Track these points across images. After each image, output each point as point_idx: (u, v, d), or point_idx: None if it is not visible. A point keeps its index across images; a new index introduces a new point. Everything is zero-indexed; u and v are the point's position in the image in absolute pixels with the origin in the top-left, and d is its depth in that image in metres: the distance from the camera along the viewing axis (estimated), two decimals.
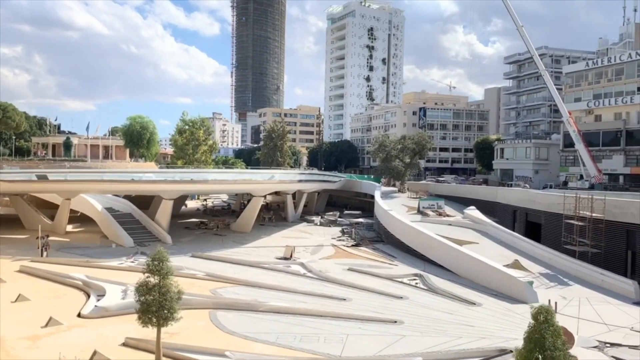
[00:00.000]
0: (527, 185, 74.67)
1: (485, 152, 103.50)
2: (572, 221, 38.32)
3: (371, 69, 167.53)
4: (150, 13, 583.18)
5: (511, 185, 73.81)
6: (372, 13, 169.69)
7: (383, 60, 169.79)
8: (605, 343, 23.54)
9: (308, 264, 40.13)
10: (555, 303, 28.71)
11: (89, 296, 29.09)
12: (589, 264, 36.04)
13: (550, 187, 70.30)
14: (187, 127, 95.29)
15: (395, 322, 26.03)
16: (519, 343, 23.29)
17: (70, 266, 36.91)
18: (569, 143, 79.07)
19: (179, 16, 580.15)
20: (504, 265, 35.73)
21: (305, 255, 45.10)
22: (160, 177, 47.33)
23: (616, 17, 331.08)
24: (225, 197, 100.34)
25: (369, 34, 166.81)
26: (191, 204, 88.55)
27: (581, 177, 69.47)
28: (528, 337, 14.85)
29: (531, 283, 31.36)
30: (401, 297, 30.97)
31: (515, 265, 37.81)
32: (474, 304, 29.88)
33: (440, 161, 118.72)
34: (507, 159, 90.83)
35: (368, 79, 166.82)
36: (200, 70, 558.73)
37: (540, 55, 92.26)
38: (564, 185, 69.04)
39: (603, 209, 37.20)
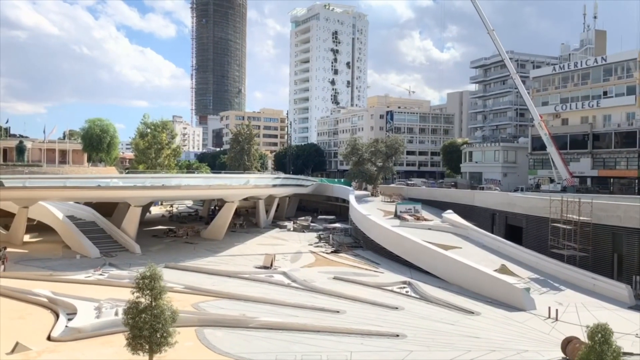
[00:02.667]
0: (497, 188, 75.03)
1: (452, 156, 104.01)
2: (559, 225, 37.80)
3: (336, 72, 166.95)
4: (103, 13, 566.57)
5: (482, 189, 73.87)
6: (336, 17, 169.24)
7: (347, 63, 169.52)
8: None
9: (291, 273, 38.17)
10: (557, 310, 27.92)
11: (57, 315, 26.25)
12: (578, 267, 35.62)
13: (522, 190, 70.76)
14: (148, 130, 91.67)
15: (398, 335, 24.47)
16: (531, 356, 22.35)
17: (32, 281, 33.77)
18: (537, 146, 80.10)
19: (133, 17, 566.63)
20: (493, 271, 34.84)
21: (284, 263, 43.12)
22: (129, 183, 44.31)
23: (564, 24, 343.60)
24: (189, 202, 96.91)
25: (333, 38, 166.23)
26: (155, 210, 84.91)
27: (551, 180, 70.19)
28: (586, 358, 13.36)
29: (528, 290, 30.45)
30: (396, 308, 29.48)
31: (503, 270, 36.98)
32: (472, 312, 28.68)
33: (408, 164, 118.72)
34: (476, 162, 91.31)
35: (333, 82, 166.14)
36: (156, 72, 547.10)
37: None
38: (537, 188, 69.56)
39: (590, 212, 36.85)
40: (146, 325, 16.08)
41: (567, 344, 21.56)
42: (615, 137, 69.12)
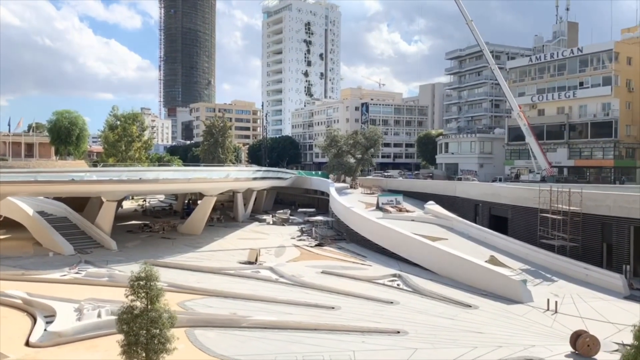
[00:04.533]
0: (474, 179, 75.05)
1: (427, 147, 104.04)
2: (550, 215, 37.49)
3: (309, 64, 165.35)
4: (65, 4, 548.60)
5: (460, 179, 73.78)
6: (309, 7, 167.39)
7: (320, 55, 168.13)
8: (625, 345, 22.15)
9: (277, 268, 36.89)
10: (556, 302, 27.43)
11: (34, 318, 24.34)
12: (569, 258, 35.41)
13: (500, 180, 70.91)
14: (118, 122, 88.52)
15: (399, 332, 23.51)
16: (539, 351, 21.68)
17: (4, 281, 31.54)
18: (513, 136, 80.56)
19: (97, 8, 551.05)
20: (485, 263, 34.30)
21: (269, 258, 41.78)
22: (105, 177, 42.06)
23: (528, 17, 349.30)
24: (161, 196, 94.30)
25: (306, 29, 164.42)
26: (126, 205, 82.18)
27: (530, 170, 70.53)
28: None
29: (525, 282, 29.91)
30: (392, 302, 28.53)
31: (493, 261, 36.47)
32: (470, 306, 27.95)
33: (383, 156, 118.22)
34: (452, 153, 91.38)
35: (306, 74, 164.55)
36: (122, 64, 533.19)
37: (480, 51, 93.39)
38: (516, 178, 69.81)
39: (580, 202, 36.63)
40: (142, 330, 14.60)
41: (577, 338, 20.95)
42: (591, 127, 69.85)
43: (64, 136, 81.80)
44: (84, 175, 41.16)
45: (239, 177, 54.59)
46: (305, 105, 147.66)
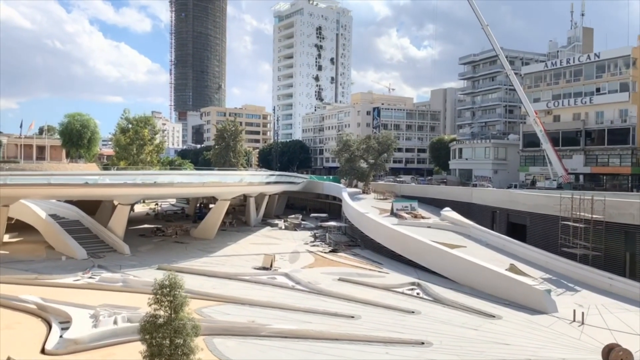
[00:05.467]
0: (489, 185, 74.25)
1: (440, 152, 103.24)
2: (573, 223, 36.62)
3: (320, 68, 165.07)
4: (75, 7, 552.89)
5: (475, 185, 72.99)
6: (320, 12, 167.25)
7: (331, 60, 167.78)
8: None
9: (293, 274, 36.30)
10: (583, 314, 26.58)
11: (49, 325, 23.94)
12: (591, 267, 34.53)
13: (515, 187, 69.99)
14: (130, 125, 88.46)
15: (423, 343, 22.84)
16: None
17: (17, 285, 31.24)
18: (528, 143, 79.66)
19: (107, 11, 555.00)
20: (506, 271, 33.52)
21: (283, 264, 41.22)
22: (119, 180, 41.73)
23: (539, 22, 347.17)
24: (173, 200, 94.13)
25: (317, 33, 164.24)
26: (138, 208, 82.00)
27: (546, 178, 69.55)
28: None
29: (549, 291, 29.11)
30: (413, 312, 27.84)
31: (513, 270, 35.63)
32: (494, 316, 27.20)
33: (395, 161, 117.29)
34: (466, 159, 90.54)
35: (317, 78, 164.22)
36: (132, 67, 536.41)
37: (494, 56, 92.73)
38: (532, 185, 68.88)
39: (603, 210, 35.78)
40: (165, 340, 14.09)
41: (609, 351, 20.17)
42: (608, 134, 68.81)
43: (75, 139, 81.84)
44: (97, 178, 40.83)
45: (253, 181, 54.15)
46: (315, 110, 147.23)
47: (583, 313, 26.57)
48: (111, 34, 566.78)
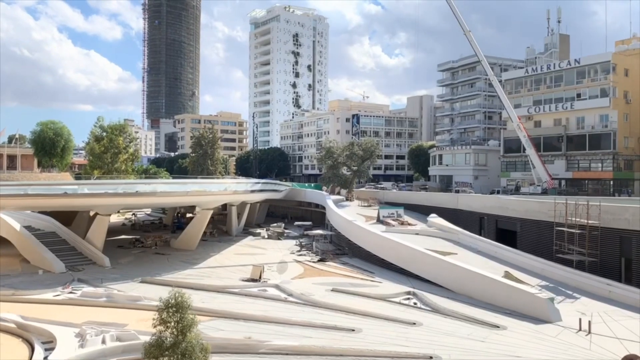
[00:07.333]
0: (471, 190, 74.07)
1: (419, 159, 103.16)
2: (568, 229, 36.12)
3: (297, 75, 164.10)
4: (43, 14, 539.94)
5: (458, 191, 72.68)
6: (297, 19, 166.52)
7: (309, 66, 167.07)
8: None
9: (284, 286, 34.88)
10: (589, 322, 25.85)
11: (32, 346, 22.02)
12: (588, 273, 34.03)
13: (498, 192, 69.94)
14: (104, 133, 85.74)
15: (431, 358, 21.71)
16: None
17: None
18: (509, 148, 79.93)
19: (77, 19, 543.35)
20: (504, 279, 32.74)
21: (272, 275, 39.72)
22: (99, 190, 39.62)
23: (509, 30, 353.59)
24: (148, 210, 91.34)
25: (294, 40, 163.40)
26: (113, 219, 78.97)
27: (530, 183, 69.65)
28: None
29: (552, 299, 28.35)
30: (414, 323, 26.74)
31: (509, 277, 34.94)
32: (498, 327, 26.29)
33: (374, 168, 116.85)
34: (447, 165, 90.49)
35: (294, 85, 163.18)
36: (102, 75, 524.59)
37: (473, 63, 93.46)
38: (516, 190, 68.85)
39: (598, 216, 35.39)
40: None
41: None
42: (589, 139, 69.37)
43: (48, 147, 78.78)
44: (77, 188, 38.73)
45: (238, 189, 52.47)
46: (293, 117, 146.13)
47: (589, 322, 25.86)
48: (81, 42, 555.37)
